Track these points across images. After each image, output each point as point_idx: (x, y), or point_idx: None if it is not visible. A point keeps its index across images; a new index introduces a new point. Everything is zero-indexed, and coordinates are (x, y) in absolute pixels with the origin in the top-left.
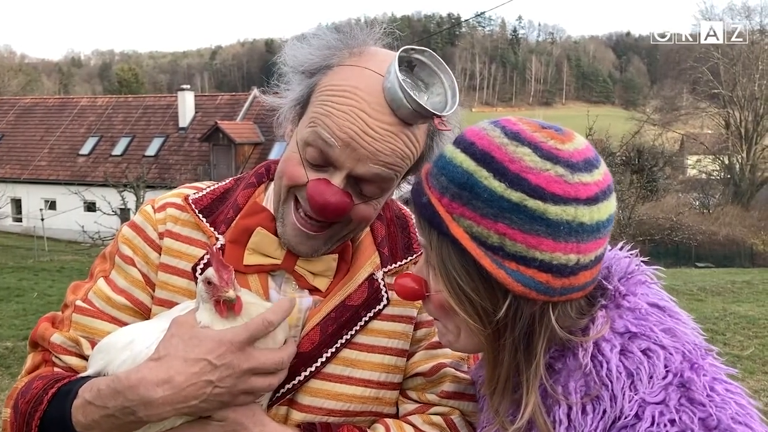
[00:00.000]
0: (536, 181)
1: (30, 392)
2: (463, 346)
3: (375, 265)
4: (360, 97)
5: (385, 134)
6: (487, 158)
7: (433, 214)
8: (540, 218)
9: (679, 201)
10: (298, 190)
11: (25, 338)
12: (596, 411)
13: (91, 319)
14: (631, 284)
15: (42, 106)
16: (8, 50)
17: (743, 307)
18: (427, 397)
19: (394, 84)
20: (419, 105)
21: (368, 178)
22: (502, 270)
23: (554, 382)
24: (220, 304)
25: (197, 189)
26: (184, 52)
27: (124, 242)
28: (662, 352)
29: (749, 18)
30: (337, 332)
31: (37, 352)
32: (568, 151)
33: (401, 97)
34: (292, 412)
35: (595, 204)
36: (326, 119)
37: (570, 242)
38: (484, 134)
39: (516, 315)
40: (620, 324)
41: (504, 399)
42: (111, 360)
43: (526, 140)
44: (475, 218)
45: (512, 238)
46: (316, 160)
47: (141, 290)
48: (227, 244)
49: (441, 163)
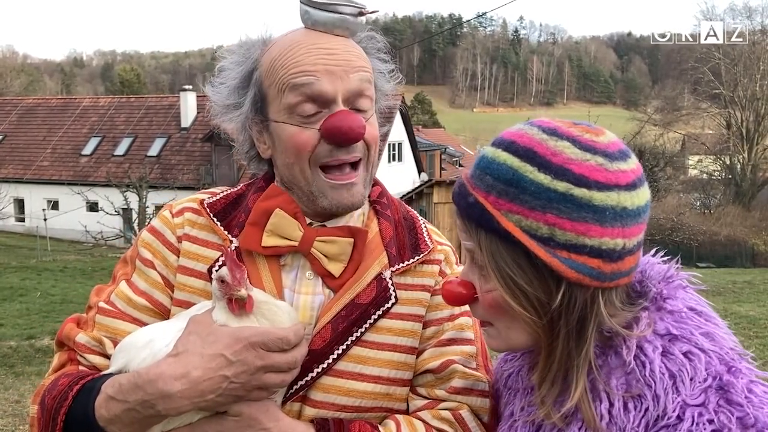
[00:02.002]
0: (579, 170)
1: (56, 389)
2: (515, 343)
3: (383, 264)
4: (298, 41)
5: (339, 46)
6: (530, 153)
7: (482, 212)
8: (587, 205)
9: (680, 201)
10: (317, 158)
11: (29, 338)
12: (638, 409)
13: (114, 320)
14: (672, 288)
15: (44, 107)
16: (11, 50)
17: (744, 308)
18: (436, 393)
19: (310, 12)
20: (340, 6)
21: (357, 88)
22: (556, 258)
23: (595, 379)
24: (232, 302)
25: (212, 194)
26: (186, 53)
27: (144, 246)
28: (703, 355)
29: (750, 18)
30: (348, 330)
31: (63, 352)
32: (603, 142)
33: (323, 13)
34: (305, 408)
35: (635, 189)
36: (293, 70)
37: (616, 227)
38: (523, 132)
39: (569, 302)
40: (662, 326)
41: (554, 387)
42: (132, 358)
43: (564, 135)
44: (524, 212)
45: (562, 227)
46: (310, 111)
47: (161, 292)
48: (247, 226)
49: (483, 164)
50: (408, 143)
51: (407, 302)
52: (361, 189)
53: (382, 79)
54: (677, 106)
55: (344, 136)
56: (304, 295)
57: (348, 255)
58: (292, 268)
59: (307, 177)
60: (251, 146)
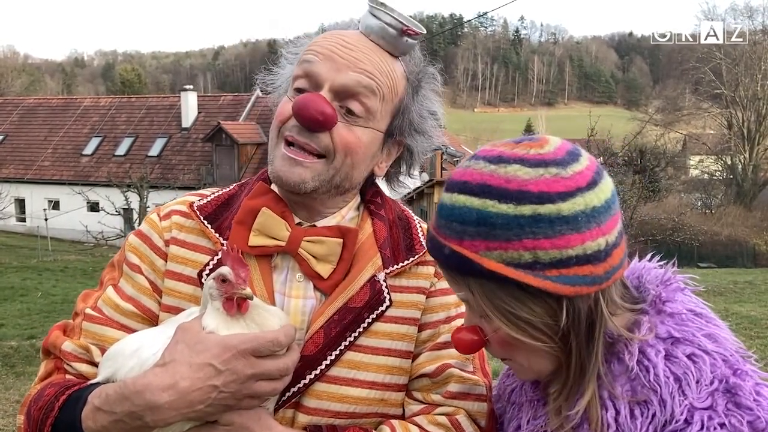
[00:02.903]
0: (537, 188)
1: (42, 399)
2: (541, 370)
3: (377, 266)
4: (336, 33)
5: (362, 47)
6: (486, 188)
7: (462, 259)
8: (558, 219)
9: (681, 201)
10: (284, 130)
11: (29, 337)
12: (645, 415)
13: (101, 327)
14: (670, 291)
15: (45, 107)
16: (12, 50)
17: (745, 308)
18: (432, 397)
19: (364, 15)
20: (385, 15)
21: (351, 87)
22: (548, 280)
23: (600, 386)
24: (232, 301)
25: (202, 196)
26: (186, 53)
27: (131, 250)
28: (707, 357)
29: (752, 18)
30: (341, 335)
31: (49, 360)
32: (550, 152)
33: (374, 16)
34: (298, 415)
35: (596, 186)
36: (312, 46)
37: (593, 228)
38: (471, 170)
39: (575, 316)
40: (663, 329)
41: (570, 397)
42: (119, 367)
43: (510, 158)
44: (501, 246)
45: (542, 247)
46: (301, 86)
47: (148, 297)
48: (234, 224)
49: (445, 212)
50: None
51: (402, 305)
52: (305, 175)
53: (421, 119)
54: (678, 106)
55: (299, 112)
56: (295, 299)
57: (337, 256)
58: (281, 270)
59: (273, 144)
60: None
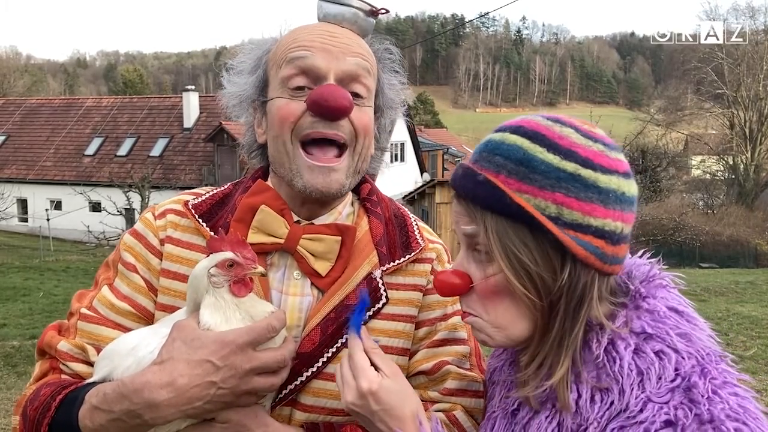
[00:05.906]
0: (585, 153)
1: (38, 399)
2: (515, 334)
3: (373, 263)
4: (305, 25)
5: (342, 33)
6: (539, 136)
7: (492, 190)
8: (593, 186)
9: (683, 201)
10: (299, 130)
11: (32, 337)
12: (604, 401)
13: (96, 326)
14: (652, 287)
15: (47, 107)
16: (14, 51)
17: (746, 308)
18: (430, 394)
19: (323, 6)
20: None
21: (354, 71)
22: (567, 236)
23: (570, 368)
24: (240, 282)
25: (197, 195)
26: (188, 53)
27: (126, 250)
28: (674, 355)
29: (753, 18)
30: (338, 332)
31: (44, 360)
32: (600, 134)
33: (335, 6)
34: (295, 413)
35: (629, 179)
36: (291, 45)
37: (616, 210)
38: (529, 119)
39: (573, 282)
40: (638, 324)
41: (541, 368)
42: (115, 366)
43: (566, 123)
44: (533, 191)
45: (569, 206)
46: (300, 83)
47: (144, 296)
48: (232, 223)
49: (491, 146)
50: (410, 143)
51: (399, 303)
52: (340, 178)
53: (392, 90)
54: (680, 106)
55: (326, 102)
56: (292, 297)
57: (335, 253)
58: (278, 268)
59: (289, 151)
60: (254, 138)
